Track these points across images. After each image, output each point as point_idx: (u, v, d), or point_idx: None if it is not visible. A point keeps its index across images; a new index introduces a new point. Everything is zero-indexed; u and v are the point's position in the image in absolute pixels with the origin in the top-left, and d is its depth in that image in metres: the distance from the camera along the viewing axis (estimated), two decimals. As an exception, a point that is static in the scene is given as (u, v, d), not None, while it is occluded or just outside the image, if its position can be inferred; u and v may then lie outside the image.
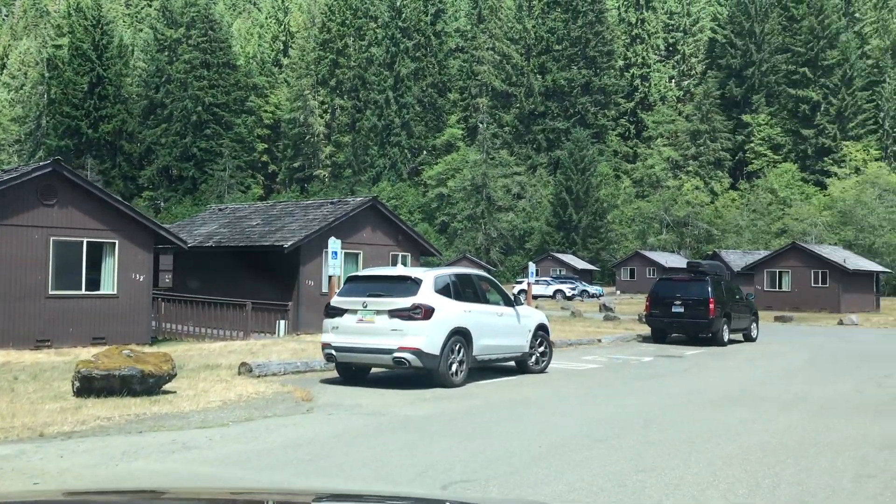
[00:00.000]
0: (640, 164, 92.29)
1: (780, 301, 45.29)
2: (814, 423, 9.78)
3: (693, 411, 10.48)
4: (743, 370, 16.53)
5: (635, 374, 15.32)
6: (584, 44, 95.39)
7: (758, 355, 20.18)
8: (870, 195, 69.48)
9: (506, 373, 14.39)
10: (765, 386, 13.71)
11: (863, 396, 12.56)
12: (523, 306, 14.48)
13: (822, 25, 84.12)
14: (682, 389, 12.90)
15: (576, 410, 10.29)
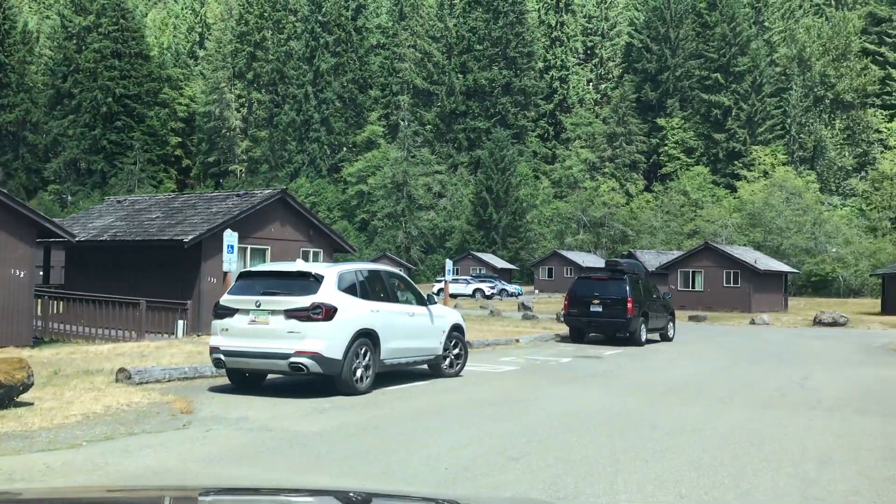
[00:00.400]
0: (558, 165, 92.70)
1: (694, 300, 45.56)
2: (747, 434, 8.96)
3: (615, 421, 9.55)
4: (663, 372, 15.83)
5: (554, 377, 14.41)
6: (504, 44, 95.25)
7: (676, 356, 19.62)
8: (777, 198, 71.20)
9: (417, 377, 13.25)
10: (687, 390, 12.97)
11: (789, 401, 11.92)
12: (437, 306, 13.37)
13: (734, 33, 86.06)
14: (602, 395, 12.01)
15: (489, 422, 9.22)
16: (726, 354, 20.29)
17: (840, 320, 35.31)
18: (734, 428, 9.25)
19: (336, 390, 10.93)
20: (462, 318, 14.39)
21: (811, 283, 66.64)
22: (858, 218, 74.89)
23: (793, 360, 19.31)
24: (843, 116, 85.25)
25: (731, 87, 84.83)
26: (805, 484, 6.64)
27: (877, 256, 64.67)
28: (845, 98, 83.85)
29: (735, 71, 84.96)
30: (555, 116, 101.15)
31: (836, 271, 65.24)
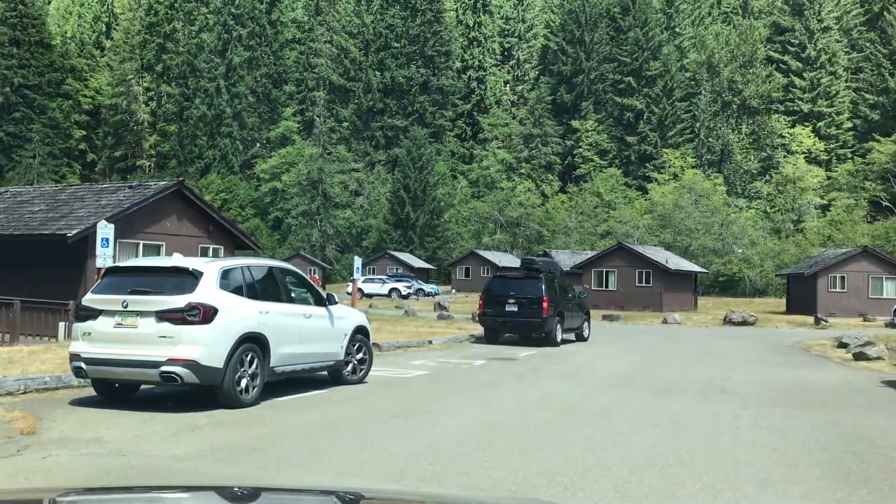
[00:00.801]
0: (476, 165, 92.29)
1: (607, 300, 45.48)
2: (674, 448, 8.04)
3: (530, 436, 8.51)
4: (579, 375, 14.97)
5: (466, 382, 13.33)
6: (422, 42, 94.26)
7: (592, 357, 18.86)
8: (687, 200, 72.41)
9: (316, 385, 11.95)
10: (606, 394, 12.08)
11: (711, 406, 11.15)
12: (338, 306, 12.09)
13: (647, 37, 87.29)
14: (517, 402, 10.97)
15: (389, 439, 8.04)
16: (642, 355, 19.67)
17: (749, 319, 35.58)
18: (660, 441, 8.33)
19: (219, 403, 9.56)
20: (367, 319, 13.14)
21: (719, 283, 67.96)
22: (763, 220, 76.92)
23: (709, 360, 18.81)
24: (749, 122, 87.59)
25: (644, 91, 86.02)
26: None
27: (780, 257, 66.38)
28: (751, 104, 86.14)
29: (647, 75, 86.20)
30: (472, 116, 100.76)
31: (742, 271, 66.69)
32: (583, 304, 24.29)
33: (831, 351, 22.31)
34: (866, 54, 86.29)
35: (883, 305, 42.40)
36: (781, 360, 19.87)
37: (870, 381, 15.49)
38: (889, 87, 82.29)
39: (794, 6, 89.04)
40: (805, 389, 13.68)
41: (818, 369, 17.54)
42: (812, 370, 17.29)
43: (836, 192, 77.62)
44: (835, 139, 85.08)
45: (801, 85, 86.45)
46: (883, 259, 43.75)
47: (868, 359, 19.03)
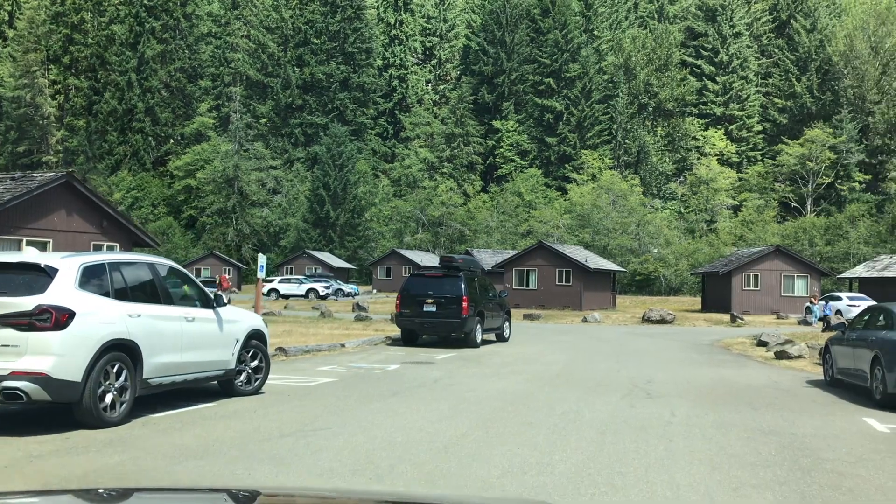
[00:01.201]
0: (398, 164, 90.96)
1: (528, 299, 44.91)
2: (606, 467, 7.00)
3: (441, 456, 7.37)
4: (499, 379, 13.93)
5: (376, 390, 12.09)
6: (342, 39, 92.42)
7: (513, 359, 17.88)
8: (604, 201, 72.87)
9: (204, 397, 10.54)
10: (527, 402, 11.04)
11: (639, 412, 10.23)
12: (228, 308, 10.67)
13: (566, 39, 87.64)
14: (429, 414, 9.82)
15: (271, 466, 6.76)
16: (564, 356, 18.81)
17: (667, 318, 35.43)
18: (587, 459, 7.30)
19: (80, 422, 8.07)
20: (263, 322, 11.73)
21: (636, 282, 68.53)
22: (678, 220, 78.10)
23: (631, 360, 18.07)
24: (665, 124, 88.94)
25: (563, 93, 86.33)
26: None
27: (695, 256, 67.37)
28: (666, 106, 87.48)
29: (566, 77, 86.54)
30: (394, 115, 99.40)
31: (658, 270, 67.39)
32: (504, 303, 23.36)
33: (751, 349, 21.97)
34: (775, 60, 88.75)
35: (794, 303, 43.07)
36: (703, 358, 19.33)
37: (794, 381, 14.96)
38: (796, 91, 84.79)
39: (708, 12, 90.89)
40: (732, 391, 12.97)
41: (741, 368, 16.99)
42: (735, 370, 16.72)
43: (747, 193, 79.46)
44: (746, 142, 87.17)
45: (713, 89, 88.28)
46: (794, 258, 44.49)
47: (789, 357, 18.64)
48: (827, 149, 75.20)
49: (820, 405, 11.62)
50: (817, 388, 13.91)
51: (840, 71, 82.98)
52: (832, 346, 14.26)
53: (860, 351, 12.66)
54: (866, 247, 61.78)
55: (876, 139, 79.82)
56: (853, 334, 13.32)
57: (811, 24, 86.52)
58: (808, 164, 76.68)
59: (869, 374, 12.13)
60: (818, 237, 65.39)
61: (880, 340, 11.92)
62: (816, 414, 10.67)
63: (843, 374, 13.59)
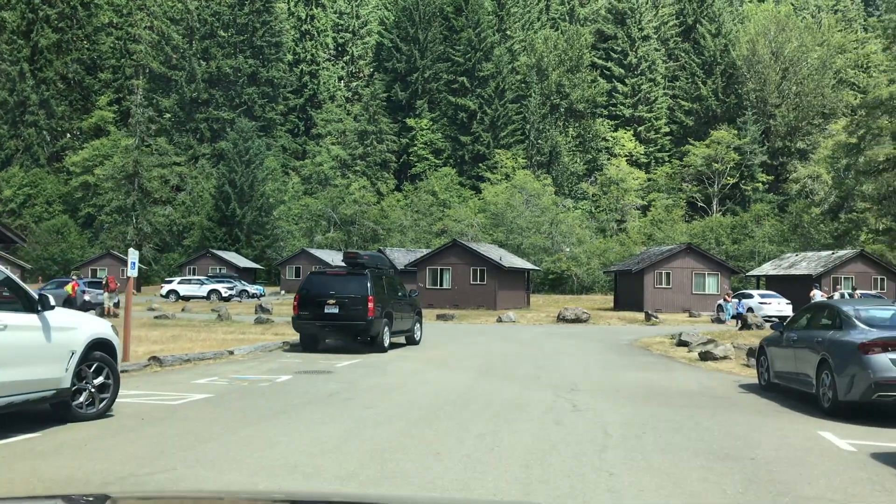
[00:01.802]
0: (308, 161, 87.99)
1: (442, 298, 43.25)
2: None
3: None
4: (405, 391, 12.06)
5: (255, 409, 10.04)
6: (251, 32, 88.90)
7: (422, 365, 16.04)
8: (518, 200, 72.02)
9: (31, 424, 8.27)
10: (435, 423, 9.21)
11: (568, 432, 8.54)
12: (58, 311, 8.43)
13: (479, 38, 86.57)
14: (313, 443, 7.85)
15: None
16: (478, 361, 17.08)
17: (582, 316, 34.33)
18: (508, 490, 5.49)
19: None
20: (113, 329, 9.44)
21: (549, 281, 67.85)
22: (589, 220, 78.00)
23: (551, 364, 16.50)
24: (576, 125, 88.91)
25: (477, 92, 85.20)
26: None
27: (606, 255, 67.19)
28: (578, 107, 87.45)
29: (480, 76, 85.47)
30: (305, 111, 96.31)
31: (570, 269, 66.87)
32: (414, 303, 21.51)
33: (672, 350, 20.78)
34: (682, 63, 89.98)
35: (705, 301, 42.80)
36: (625, 361, 17.96)
37: (727, 385, 13.63)
38: (702, 94, 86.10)
39: (617, 15, 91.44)
40: (665, 400, 11.47)
41: (668, 372, 15.62)
42: (662, 373, 15.33)
43: (655, 194, 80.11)
44: (654, 143, 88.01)
45: (623, 90, 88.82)
46: (705, 256, 44.28)
47: (715, 359, 17.43)
48: (732, 150, 76.45)
49: (766, 416, 10.20)
50: (753, 393, 12.59)
51: (743, 75, 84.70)
52: (768, 347, 12.96)
53: (803, 353, 11.35)
54: (771, 245, 62.76)
55: (777, 141, 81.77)
56: (793, 334, 12.02)
57: (716, 29, 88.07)
58: (714, 165, 77.82)
59: (815, 380, 10.81)
60: (724, 236, 66.18)
61: (828, 342, 10.60)
62: (766, 429, 9.20)
63: (781, 377, 12.30)
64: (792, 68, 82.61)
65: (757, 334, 24.38)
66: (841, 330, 10.57)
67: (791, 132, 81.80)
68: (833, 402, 10.17)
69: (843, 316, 10.73)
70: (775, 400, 11.79)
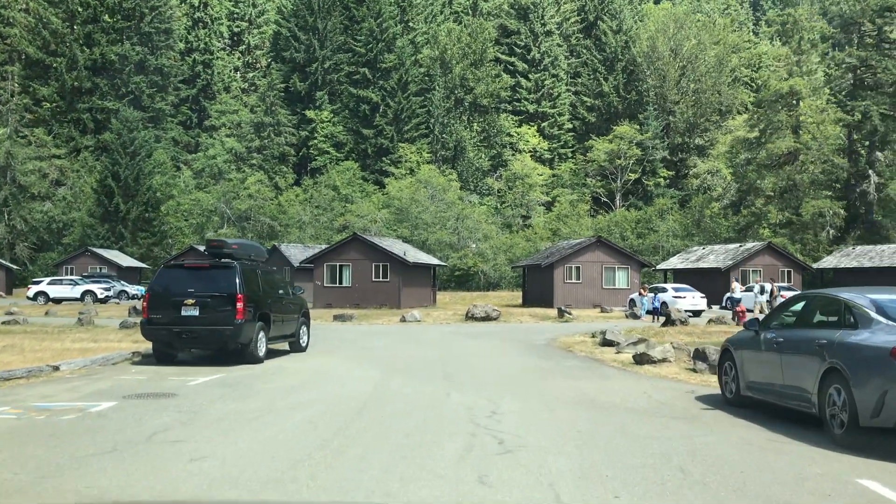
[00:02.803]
0: (201, 154, 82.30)
1: (342, 297, 39.62)
2: None
3: None
4: (267, 423, 8.61)
5: (22, 465, 6.40)
6: (138, 18, 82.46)
7: (303, 381, 12.56)
8: (423, 195, 69.02)
9: None
10: (295, 483, 5.82)
11: (492, 486, 5.32)
12: None
13: (381, 29, 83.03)
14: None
15: None
16: (375, 372, 13.71)
17: (492, 314, 31.46)
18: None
19: None
20: None
21: (455, 278, 65.15)
22: (495, 215, 75.72)
23: (463, 375, 13.32)
24: (480, 120, 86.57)
25: (379, 83, 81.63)
26: None
27: (513, 251, 65.01)
28: (482, 102, 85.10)
29: (382, 67, 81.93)
30: (199, 102, 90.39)
31: (477, 265, 64.34)
32: (300, 302, 17.93)
33: (598, 351, 17.96)
34: (584, 59, 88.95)
35: (616, 296, 40.77)
36: (549, 365, 14.99)
37: (684, 400, 10.76)
38: (604, 90, 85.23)
39: (520, 10, 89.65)
40: (620, 429, 8.42)
41: (604, 381, 12.68)
42: (597, 383, 12.38)
43: (560, 189, 78.61)
44: (557, 139, 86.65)
45: (526, 86, 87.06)
46: (615, 249, 42.24)
47: (653, 362, 14.65)
48: (634, 145, 75.64)
49: (766, 452, 7.27)
50: (721, 410, 9.75)
51: (643, 71, 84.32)
52: (736, 350, 10.11)
53: (796, 360, 8.52)
54: (675, 240, 61.88)
55: (677, 137, 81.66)
56: (775, 335, 9.19)
57: (617, 26, 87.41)
58: (617, 161, 76.87)
59: (816, 396, 7.98)
60: (629, 230, 65.01)
61: (838, 346, 7.76)
62: (783, 476, 6.25)
63: (756, 390, 9.47)
64: (690, 66, 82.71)
65: (684, 331, 21.97)
66: (856, 329, 7.75)
67: (690, 128, 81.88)
68: (850, 427, 7.34)
69: (858, 310, 7.91)
70: (756, 420, 8.95)
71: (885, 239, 51.36)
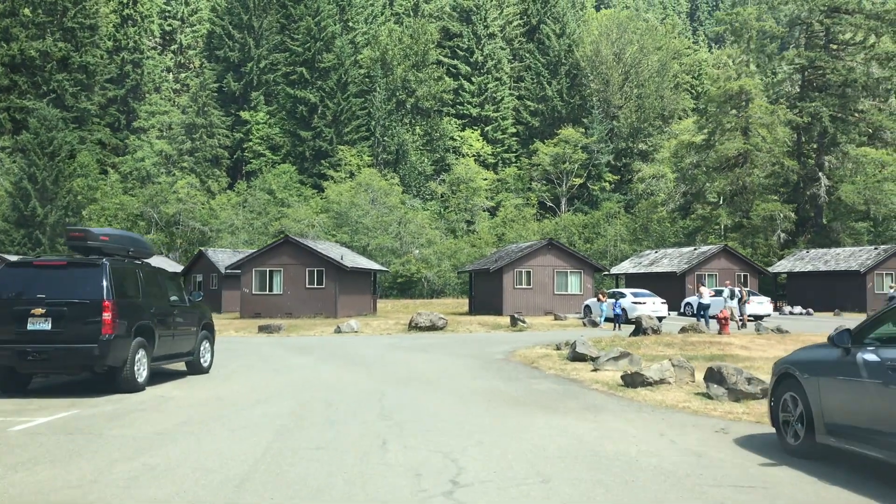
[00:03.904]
0: (129, 157, 76.80)
1: (272, 306, 35.58)
2: None
3: None
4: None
5: None
6: (60, 13, 76.57)
7: (180, 422, 8.80)
8: (363, 199, 65.24)
9: None
10: None
11: None
12: None
13: (319, 27, 78.95)
14: None
15: None
16: (288, 405, 10.02)
17: (438, 323, 27.96)
18: None
19: None
20: None
21: (398, 285, 61.45)
22: (438, 220, 72.32)
23: (406, 410, 9.74)
24: (423, 123, 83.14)
25: (318, 84, 77.48)
26: None
27: (457, 256, 61.72)
28: (424, 105, 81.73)
29: (321, 67, 77.84)
30: (127, 103, 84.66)
31: (420, 271, 60.80)
32: (200, 312, 14.09)
33: (571, 368, 14.56)
34: (527, 63, 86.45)
35: (568, 302, 37.72)
36: (516, 390, 11.55)
37: (721, 446, 7.42)
38: (547, 94, 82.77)
39: (462, 13, 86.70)
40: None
41: (597, 415, 9.26)
42: (590, 420, 8.96)
43: (505, 193, 75.74)
44: (501, 143, 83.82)
45: (469, 89, 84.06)
46: (567, 252, 39.16)
47: (648, 384, 11.33)
48: (579, 149, 73.22)
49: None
50: (794, 468, 6.45)
51: (587, 76, 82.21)
52: (810, 376, 6.80)
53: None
54: (623, 244, 59.42)
55: (620, 142, 79.66)
56: (888, 355, 5.91)
57: (560, 29, 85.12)
58: (562, 165, 74.32)
59: None
60: (577, 235, 62.32)
61: None
62: None
63: (850, 437, 6.19)
64: (633, 70, 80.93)
65: (660, 341, 18.82)
66: None
67: (634, 133, 79.98)
68: None
69: None
70: (863, 488, 5.63)
71: (835, 242, 49.75)
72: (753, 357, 15.33)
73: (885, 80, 48.47)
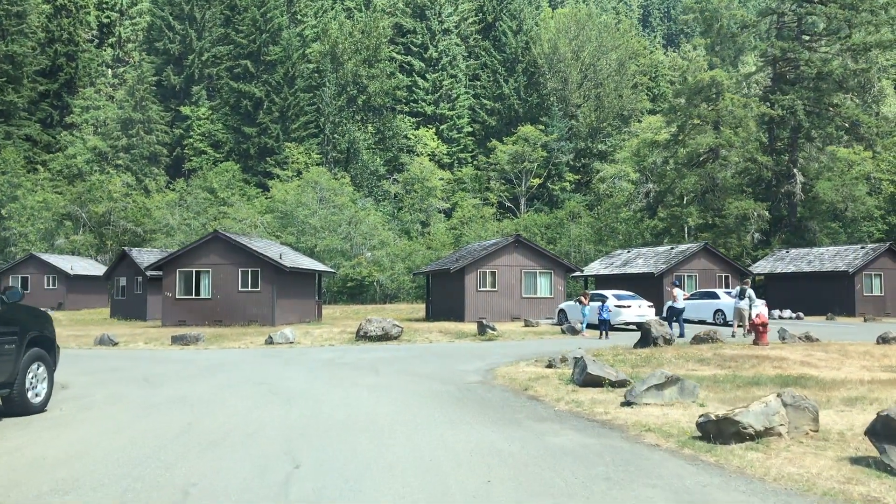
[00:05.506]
0: (60, 154, 70.04)
1: (200, 312, 30.16)
2: None
3: None
4: None
5: None
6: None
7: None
8: (311, 198, 59.86)
9: None
10: None
11: None
12: None
13: (265, 19, 73.39)
14: None
15: None
16: (125, 486, 4.96)
17: (392, 332, 23.00)
18: None
19: None
20: None
21: (348, 290, 56.13)
22: (392, 221, 67.26)
23: (338, 483, 4.77)
24: (375, 120, 78.04)
25: (263, 78, 71.85)
26: None
27: (412, 258, 56.73)
28: (376, 102, 76.67)
29: (266, 60, 72.25)
30: (61, 98, 77.69)
31: (372, 275, 55.61)
32: (24, 322, 8.92)
33: (591, 401, 9.75)
34: (483, 62, 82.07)
35: (538, 306, 33.13)
36: (527, 457, 6.73)
37: None
38: (504, 92, 78.49)
39: (416, 8, 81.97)
40: None
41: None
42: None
43: (462, 193, 71.07)
44: (457, 143, 79.20)
45: (424, 86, 79.28)
46: (536, 250, 34.52)
47: (749, 437, 6.59)
48: (539, 147, 68.98)
49: None
50: None
51: (545, 74, 78.21)
52: None
53: None
54: (588, 245, 55.23)
55: (580, 142, 75.76)
56: None
57: (517, 26, 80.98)
58: (521, 165, 70.01)
59: None
60: (539, 236, 57.87)
61: None
62: None
63: None
64: (592, 68, 77.21)
65: (685, 354, 14.18)
66: None
67: (593, 133, 76.17)
68: None
69: None
70: None
71: (811, 242, 46.26)
72: (837, 379, 10.77)
73: (861, 72, 45.18)
